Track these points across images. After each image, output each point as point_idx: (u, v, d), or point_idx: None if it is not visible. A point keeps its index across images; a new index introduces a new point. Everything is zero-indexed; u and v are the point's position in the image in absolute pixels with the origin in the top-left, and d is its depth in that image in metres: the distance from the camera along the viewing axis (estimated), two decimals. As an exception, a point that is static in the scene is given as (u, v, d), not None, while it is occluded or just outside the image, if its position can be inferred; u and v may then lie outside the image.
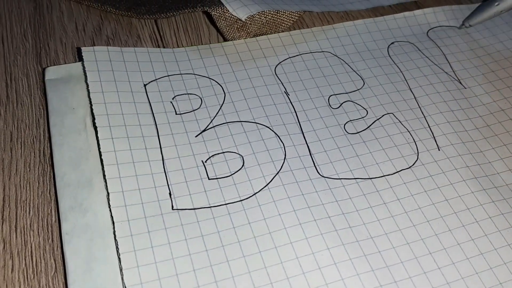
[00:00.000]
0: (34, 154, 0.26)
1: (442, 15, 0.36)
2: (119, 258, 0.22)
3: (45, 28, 0.32)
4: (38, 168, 0.26)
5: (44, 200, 0.25)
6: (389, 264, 0.23)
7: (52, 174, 0.25)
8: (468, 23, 0.34)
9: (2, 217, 0.24)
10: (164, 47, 0.32)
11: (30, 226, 0.24)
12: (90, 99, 0.27)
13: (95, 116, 0.26)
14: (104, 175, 0.24)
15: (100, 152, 0.25)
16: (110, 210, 0.23)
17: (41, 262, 0.23)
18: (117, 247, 0.22)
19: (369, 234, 0.24)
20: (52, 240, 0.23)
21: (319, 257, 0.23)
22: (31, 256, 0.23)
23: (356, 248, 0.23)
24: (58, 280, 0.22)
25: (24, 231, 0.23)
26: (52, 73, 0.28)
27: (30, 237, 0.23)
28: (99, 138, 0.25)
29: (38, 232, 0.23)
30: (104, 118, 0.26)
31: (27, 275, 0.22)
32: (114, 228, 0.23)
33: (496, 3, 0.33)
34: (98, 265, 0.22)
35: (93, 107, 0.26)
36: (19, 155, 0.26)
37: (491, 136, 0.29)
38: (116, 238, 0.22)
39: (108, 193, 0.24)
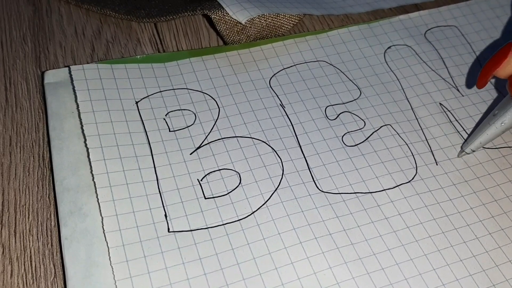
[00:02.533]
0: (33, 158, 0.26)
1: (439, 16, 0.35)
2: (115, 286, 0.21)
3: (44, 32, 0.32)
4: (37, 173, 0.25)
5: (44, 204, 0.24)
6: (393, 281, 0.23)
7: (51, 178, 0.25)
8: (470, 148, 0.27)
9: (1, 222, 0.24)
10: (164, 51, 0.32)
11: (29, 231, 0.23)
12: (80, 119, 0.26)
13: (86, 137, 0.25)
14: (97, 198, 0.23)
15: (92, 175, 0.24)
16: (104, 235, 0.22)
17: (40, 267, 0.22)
18: (113, 274, 0.21)
19: (372, 251, 0.23)
20: (52, 245, 0.23)
21: (321, 277, 0.22)
22: (30, 261, 0.23)
23: (359, 266, 0.23)
24: (57, 285, 0.22)
25: (23, 236, 0.23)
26: (51, 76, 0.28)
27: (29, 242, 0.23)
28: (91, 160, 0.24)
29: (37, 237, 0.23)
30: (96, 138, 0.25)
31: (26, 280, 0.22)
32: (109, 254, 0.22)
33: (501, 122, 0.25)
34: (98, 270, 0.21)
35: (84, 127, 0.25)
36: (18, 159, 0.26)
37: (491, 148, 0.28)
38: (112, 265, 0.22)
39: (102, 217, 0.23)
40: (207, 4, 0.31)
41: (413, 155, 0.27)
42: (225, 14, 0.31)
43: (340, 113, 0.29)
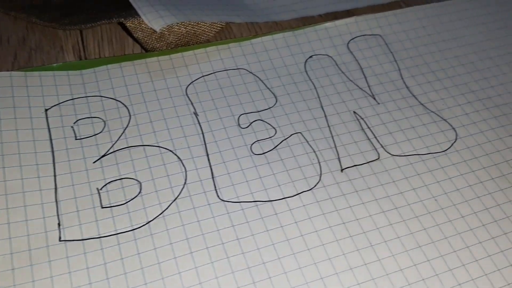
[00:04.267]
0: None
1: (364, 24, 0.35)
2: (-4, 295, 0.21)
3: None
4: None
5: None
6: (281, 291, 0.23)
7: None
8: None
9: None
10: (86, 58, 0.32)
11: None
12: (-18, 128, 0.26)
13: (-15, 146, 0.25)
14: (-10, 207, 0.24)
15: (-14, 184, 0.24)
16: (-7, 244, 0.23)
17: None
18: (-5, 284, 0.22)
19: (262, 260, 0.23)
20: None
21: (206, 287, 0.22)
22: None
23: (246, 275, 0.23)
24: None
25: None
26: None
27: None
28: (-13, 169, 0.25)
29: None
30: (-5, 147, 0.25)
31: None
32: (-6, 263, 0.22)
33: None
34: None
35: (-16, 136, 0.26)
36: None
37: (399, 155, 0.28)
38: (-6, 274, 0.22)
39: (-10, 226, 0.23)
40: (123, 13, 0.31)
41: (319, 163, 0.27)
42: (141, 22, 0.31)
43: (253, 122, 0.29)
